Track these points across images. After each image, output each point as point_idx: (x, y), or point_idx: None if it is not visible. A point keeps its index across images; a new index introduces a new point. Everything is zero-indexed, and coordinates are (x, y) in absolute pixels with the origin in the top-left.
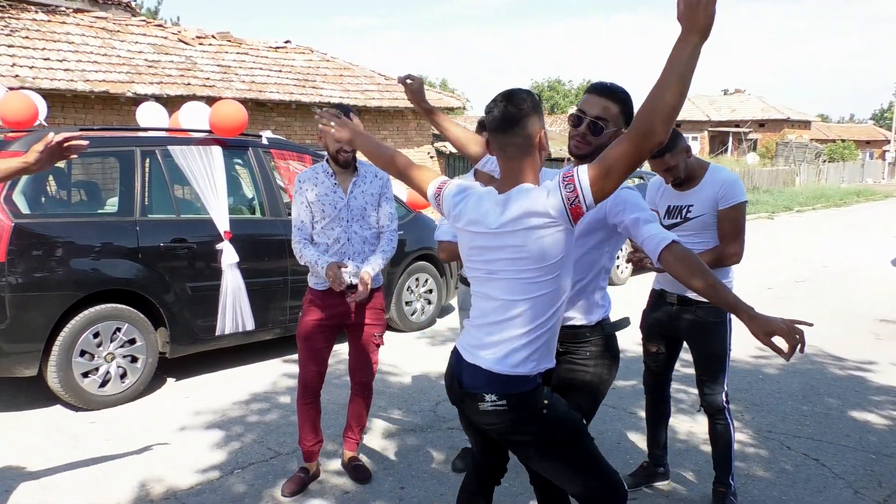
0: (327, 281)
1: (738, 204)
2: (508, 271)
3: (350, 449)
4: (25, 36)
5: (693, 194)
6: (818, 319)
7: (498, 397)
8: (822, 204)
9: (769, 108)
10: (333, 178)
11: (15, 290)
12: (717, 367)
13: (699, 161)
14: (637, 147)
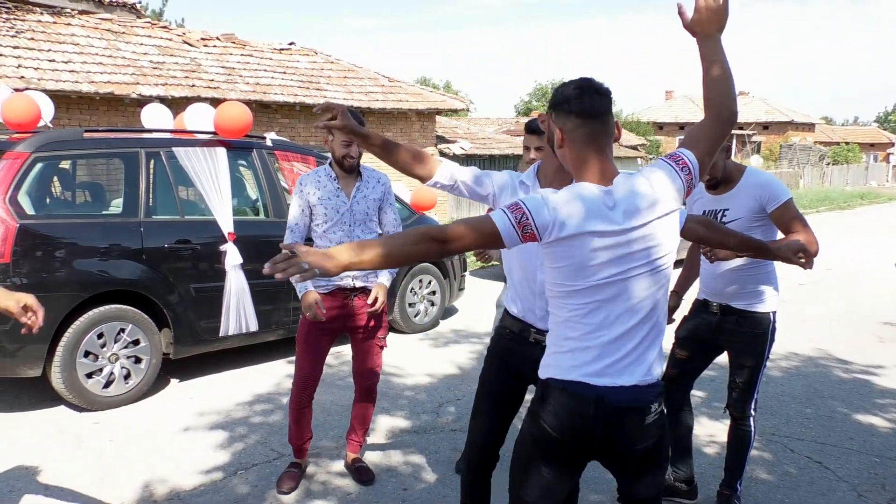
0: (329, 284)
1: (788, 200)
2: (646, 268)
3: (353, 451)
4: (31, 37)
5: (729, 198)
6: (822, 322)
7: (657, 405)
8: (826, 206)
9: (773, 111)
10: (336, 181)
11: (19, 290)
12: (752, 376)
13: (735, 164)
14: (723, 129)
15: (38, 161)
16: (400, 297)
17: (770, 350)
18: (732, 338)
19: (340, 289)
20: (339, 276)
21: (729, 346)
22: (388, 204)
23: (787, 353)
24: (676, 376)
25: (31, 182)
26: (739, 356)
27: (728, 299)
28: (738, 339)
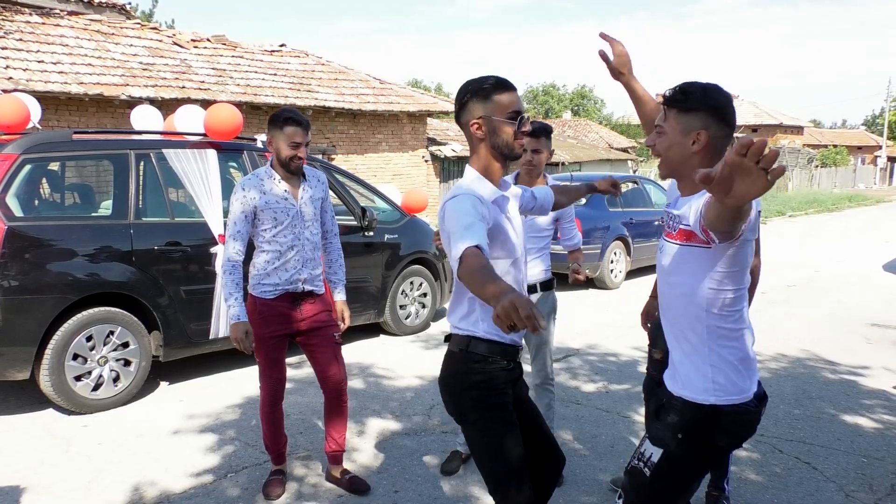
0: (276, 289)
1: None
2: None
3: (339, 462)
4: (19, 38)
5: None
6: (811, 324)
7: None
8: (815, 209)
9: (762, 114)
10: (281, 183)
11: (7, 292)
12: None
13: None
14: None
15: (27, 163)
16: (391, 299)
17: None
18: None
19: (288, 293)
20: (289, 280)
21: None
22: (327, 202)
23: (775, 355)
24: (655, 374)
25: (20, 184)
26: None
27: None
28: None
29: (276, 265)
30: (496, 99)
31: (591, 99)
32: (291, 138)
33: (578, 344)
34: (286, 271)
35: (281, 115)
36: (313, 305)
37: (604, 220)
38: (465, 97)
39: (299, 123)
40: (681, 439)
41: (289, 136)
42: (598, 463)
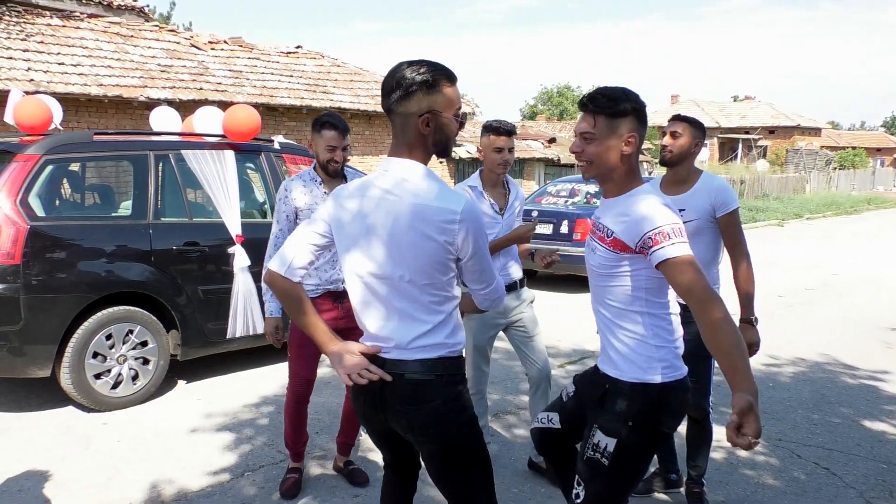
0: (318, 288)
1: (735, 210)
2: None
3: (346, 454)
4: (41, 41)
5: (686, 198)
6: (829, 328)
7: None
8: (833, 211)
9: (779, 115)
10: (322, 186)
11: (30, 291)
12: (706, 369)
13: (696, 168)
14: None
15: (49, 163)
16: None
17: None
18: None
19: (330, 292)
20: (329, 280)
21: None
22: None
23: (793, 359)
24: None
25: (42, 184)
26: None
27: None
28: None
29: (316, 266)
30: (446, 93)
31: None
32: (328, 142)
33: (594, 346)
34: (326, 271)
35: (319, 119)
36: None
37: None
38: (413, 87)
39: (336, 127)
40: (631, 427)
41: (326, 139)
42: None
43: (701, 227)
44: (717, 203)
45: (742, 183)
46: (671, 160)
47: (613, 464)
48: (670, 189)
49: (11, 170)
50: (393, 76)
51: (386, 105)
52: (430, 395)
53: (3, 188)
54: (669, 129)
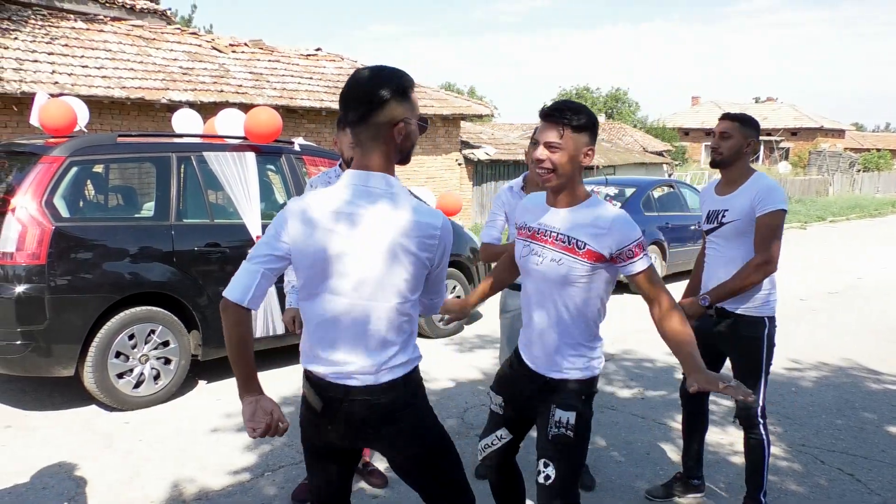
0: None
1: (776, 211)
2: None
3: (365, 455)
4: (65, 44)
5: (731, 199)
6: (852, 332)
7: None
8: (857, 214)
9: (802, 117)
10: None
11: (54, 291)
12: (752, 381)
13: (750, 168)
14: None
15: (74, 165)
16: None
17: (770, 356)
18: (729, 343)
19: None
20: None
21: (728, 352)
22: None
23: (816, 363)
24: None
25: (67, 185)
26: (738, 362)
27: (723, 301)
28: (735, 344)
29: None
30: (413, 99)
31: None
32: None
33: (614, 349)
34: None
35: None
36: None
37: (639, 224)
38: (385, 94)
39: None
40: (584, 400)
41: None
42: (633, 469)
43: (742, 228)
44: (756, 202)
45: None
46: (722, 161)
47: (577, 434)
48: (723, 191)
49: (37, 171)
50: (362, 86)
51: (355, 117)
52: (405, 414)
53: (29, 189)
54: (718, 130)
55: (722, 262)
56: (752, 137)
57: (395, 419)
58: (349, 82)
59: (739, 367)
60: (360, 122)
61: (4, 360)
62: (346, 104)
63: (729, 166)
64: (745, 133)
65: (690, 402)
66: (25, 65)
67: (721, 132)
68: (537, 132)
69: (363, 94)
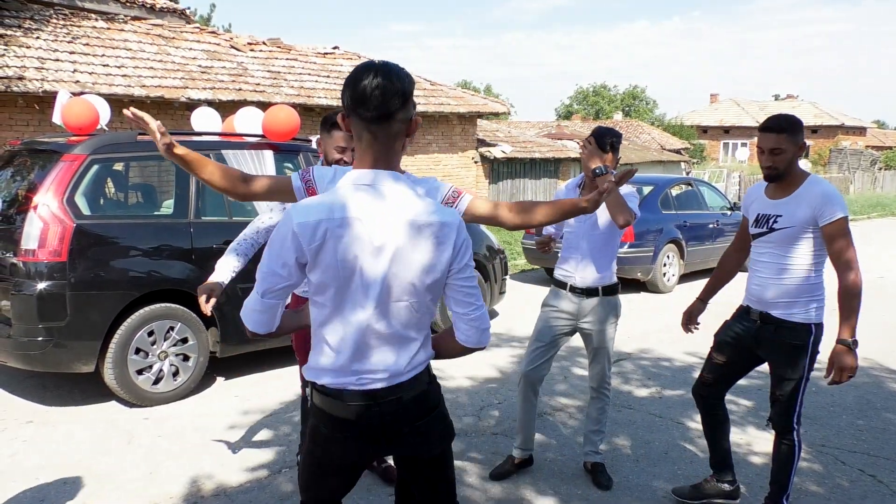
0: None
1: (841, 218)
2: None
3: None
4: (86, 43)
5: (784, 204)
6: (875, 332)
7: None
8: (878, 213)
9: (822, 114)
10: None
11: (75, 288)
12: (793, 389)
13: (803, 170)
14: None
15: (95, 163)
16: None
17: (812, 364)
18: (771, 348)
19: None
20: None
21: (769, 356)
22: None
23: None
24: (712, 382)
25: (88, 183)
26: (779, 368)
27: (768, 307)
28: (777, 349)
29: None
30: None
31: (643, 100)
32: (337, 142)
33: (631, 348)
34: None
35: (330, 118)
36: None
37: (656, 222)
38: (410, 92)
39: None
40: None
41: (335, 140)
42: (651, 469)
43: (794, 234)
44: (818, 211)
45: None
46: (778, 176)
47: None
48: (776, 194)
49: (58, 169)
50: (393, 82)
51: (380, 113)
52: (431, 402)
53: (51, 187)
54: (768, 146)
55: (773, 270)
56: (801, 140)
57: (426, 411)
58: (370, 80)
59: (781, 374)
60: (385, 119)
61: (26, 356)
62: (365, 102)
63: (784, 176)
64: (795, 140)
65: (705, 402)
66: (47, 64)
67: (772, 149)
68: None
69: (396, 90)
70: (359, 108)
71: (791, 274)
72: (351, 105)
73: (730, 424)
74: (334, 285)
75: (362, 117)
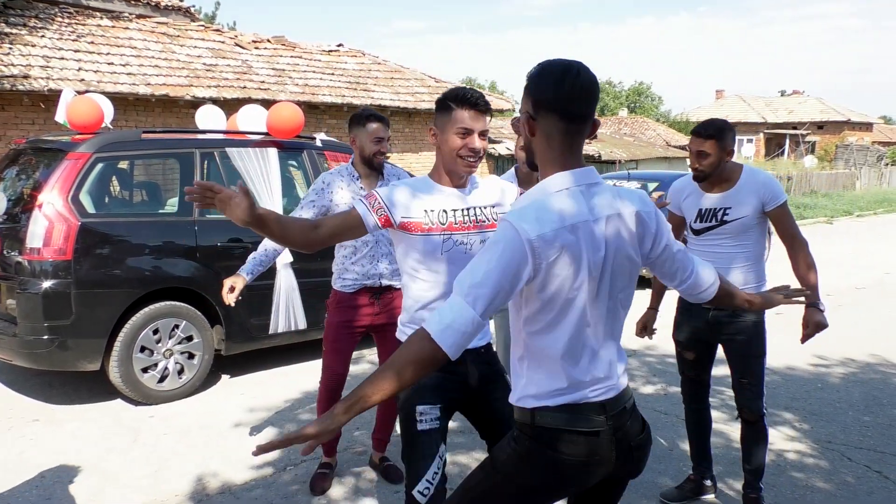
0: (356, 283)
1: (785, 201)
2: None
3: (380, 450)
4: (91, 41)
5: (730, 196)
6: (880, 328)
7: None
8: (885, 209)
9: (828, 110)
10: (359, 181)
11: (80, 286)
12: (759, 368)
13: (733, 163)
14: None
15: (99, 161)
16: None
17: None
18: (731, 331)
19: (367, 288)
20: (366, 274)
21: (729, 342)
22: None
23: (843, 360)
24: (695, 377)
25: (92, 182)
26: (742, 349)
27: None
28: (738, 330)
29: (353, 259)
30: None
31: (648, 96)
32: (375, 134)
33: (636, 345)
34: (363, 265)
35: (363, 113)
36: (392, 299)
37: None
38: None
39: (381, 120)
40: None
41: (372, 132)
42: (656, 466)
43: (748, 223)
44: (765, 198)
45: (789, 179)
46: (705, 177)
47: None
48: (712, 189)
49: (63, 168)
50: (595, 81)
51: (591, 111)
52: (638, 411)
53: (56, 186)
54: (694, 149)
55: (725, 259)
56: (730, 146)
57: (643, 427)
58: (575, 79)
59: (746, 355)
60: (588, 118)
61: (31, 355)
62: (574, 100)
63: (714, 176)
64: (722, 146)
65: (694, 398)
66: (52, 62)
67: (698, 151)
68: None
69: (598, 89)
70: (567, 107)
71: (744, 260)
72: (553, 104)
73: (711, 423)
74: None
75: (566, 116)
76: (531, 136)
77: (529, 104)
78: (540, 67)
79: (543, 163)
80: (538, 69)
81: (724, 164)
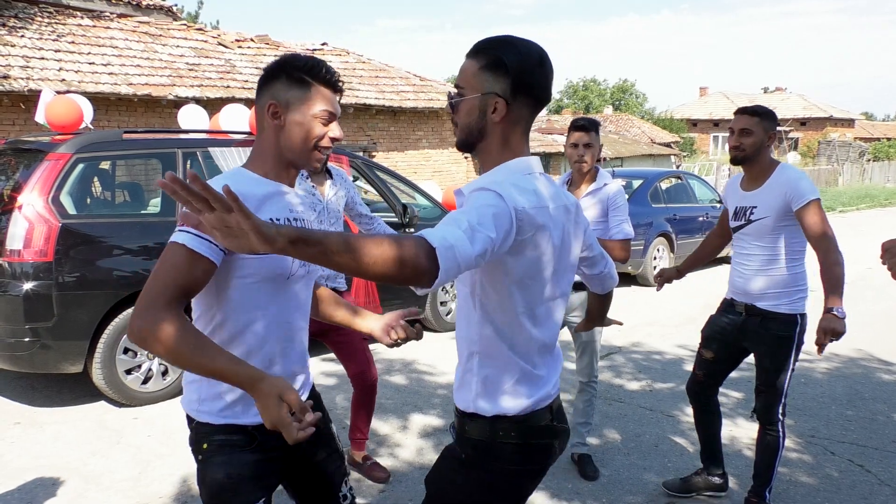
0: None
1: (813, 200)
2: None
3: (360, 449)
4: (72, 41)
5: (757, 195)
6: (863, 323)
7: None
8: (867, 204)
9: (811, 107)
10: (309, 180)
11: (62, 288)
12: (779, 380)
13: (773, 160)
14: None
15: (80, 162)
16: (432, 296)
17: (798, 355)
18: (757, 340)
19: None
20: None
21: (754, 348)
22: (354, 194)
23: (826, 354)
24: (703, 378)
25: (73, 182)
26: (765, 359)
27: (753, 299)
28: (763, 341)
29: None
30: None
31: (633, 93)
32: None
33: (622, 342)
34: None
35: None
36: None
37: (646, 216)
38: None
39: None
40: None
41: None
42: (642, 462)
43: (772, 224)
44: (791, 196)
45: None
46: (744, 158)
47: None
48: (749, 186)
49: (43, 168)
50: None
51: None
52: None
53: (36, 187)
54: (738, 127)
55: (756, 262)
56: (772, 130)
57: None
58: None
59: (766, 365)
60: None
61: (13, 357)
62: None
63: (751, 162)
64: (766, 126)
65: (698, 398)
66: (32, 62)
67: (742, 129)
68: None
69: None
70: (541, 94)
71: (774, 265)
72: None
73: (721, 419)
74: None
75: (540, 103)
76: (496, 118)
77: (507, 84)
78: (515, 48)
79: (500, 146)
80: (515, 49)
81: (766, 150)
